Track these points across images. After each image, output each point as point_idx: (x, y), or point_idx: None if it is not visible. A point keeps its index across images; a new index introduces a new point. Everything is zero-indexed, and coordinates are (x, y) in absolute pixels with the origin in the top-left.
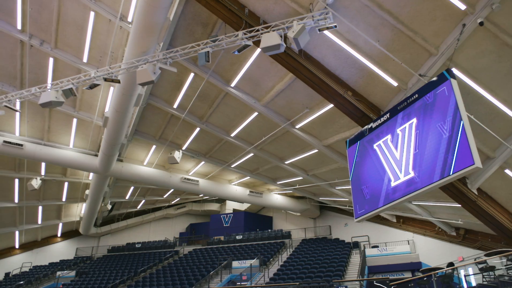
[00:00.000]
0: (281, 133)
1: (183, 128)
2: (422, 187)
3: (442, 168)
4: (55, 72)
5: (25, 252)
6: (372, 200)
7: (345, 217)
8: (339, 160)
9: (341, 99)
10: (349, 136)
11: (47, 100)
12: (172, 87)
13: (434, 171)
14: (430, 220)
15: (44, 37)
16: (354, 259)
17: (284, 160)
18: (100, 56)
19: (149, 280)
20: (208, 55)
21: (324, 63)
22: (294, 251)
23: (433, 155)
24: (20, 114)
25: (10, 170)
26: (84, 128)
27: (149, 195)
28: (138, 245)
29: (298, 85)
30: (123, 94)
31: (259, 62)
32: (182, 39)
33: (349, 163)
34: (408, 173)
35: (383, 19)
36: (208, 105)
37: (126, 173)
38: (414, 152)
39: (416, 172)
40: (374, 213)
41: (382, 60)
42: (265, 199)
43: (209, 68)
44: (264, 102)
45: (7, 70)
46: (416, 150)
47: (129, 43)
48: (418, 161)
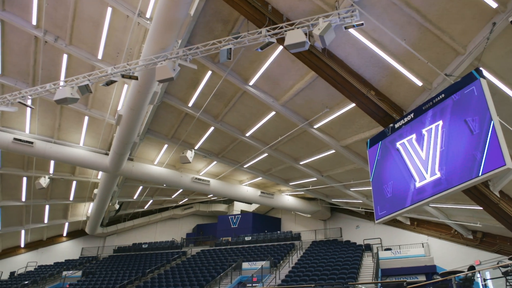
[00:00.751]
0: (298, 133)
1: (197, 127)
2: (449, 188)
3: (470, 169)
4: (68, 69)
5: (30, 252)
6: (394, 201)
7: (356, 219)
8: (356, 161)
9: (364, 99)
10: (368, 137)
11: (62, 96)
12: (187, 85)
13: (463, 172)
14: (447, 223)
15: (59, 33)
16: (367, 261)
17: (299, 160)
18: (117, 53)
19: (158, 281)
20: (230, 52)
21: (347, 61)
22: (304, 253)
23: (461, 156)
24: (31, 112)
25: (18, 168)
26: (95, 126)
27: (157, 195)
28: (144, 246)
29: (319, 84)
30: (139, 91)
31: (280, 61)
32: (200, 36)
33: (369, 163)
34: (434, 174)
35: (410, 17)
36: (224, 104)
37: (137, 172)
38: (441, 153)
39: (443, 172)
40: (396, 215)
41: (407, 59)
42: (276, 200)
43: (227, 66)
44: (282, 101)
45: (20, 67)
46: (443, 150)
47: (148, 40)
48: (445, 162)
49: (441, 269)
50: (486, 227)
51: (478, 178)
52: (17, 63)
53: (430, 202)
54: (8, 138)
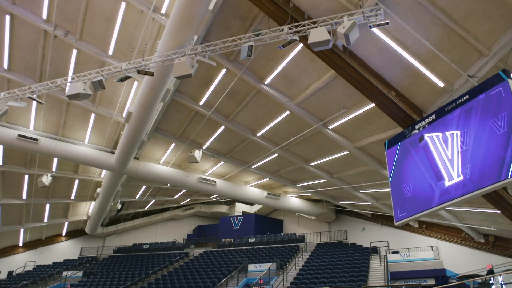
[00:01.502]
0: (311, 133)
1: (206, 127)
2: (475, 190)
3: (498, 172)
4: (77, 64)
5: (28, 251)
6: (415, 203)
7: (362, 222)
8: (370, 162)
9: (385, 99)
10: (385, 138)
11: (74, 92)
12: (200, 83)
13: (489, 175)
14: (458, 226)
15: (70, 28)
16: (374, 264)
17: (310, 161)
18: (131, 49)
19: (162, 283)
20: (251, 49)
21: (368, 61)
22: (311, 256)
23: (488, 157)
24: (36, 108)
25: (21, 166)
26: (101, 124)
27: (159, 195)
28: (145, 246)
29: (337, 84)
30: (152, 88)
31: (298, 60)
32: (216, 33)
33: (388, 165)
34: (458, 176)
35: (435, 17)
36: (237, 103)
37: (143, 171)
38: (466, 155)
39: (468, 174)
40: (417, 217)
41: (429, 60)
42: (282, 202)
43: (242, 65)
44: (297, 101)
45: (27, 62)
46: (468, 152)
47: (164, 35)
48: (471, 163)
49: (451, 272)
50: (499, 230)
51: (507, 181)
52: (24, 58)
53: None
54: (13, 134)
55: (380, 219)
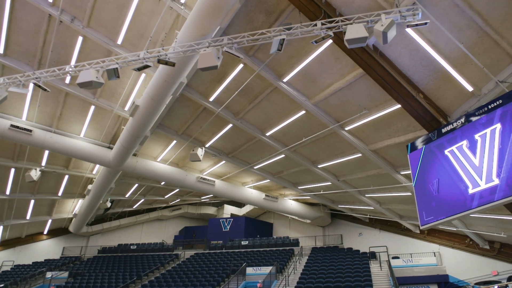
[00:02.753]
0: (324, 135)
1: (212, 124)
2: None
3: None
4: (81, 53)
5: (6, 250)
6: (443, 207)
7: (359, 226)
8: (383, 166)
9: (413, 101)
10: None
11: (87, 79)
12: (212, 78)
13: None
14: (464, 232)
15: (77, 14)
16: (374, 269)
17: (317, 163)
18: (143, 38)
19: (158, 286)
20: (282, 43)
21: (397, 62)
22: (309, 260)
23: None
24: (31, 97)
25: (7, 158)
26: (100, 117)
27: (150, 194)
28: (133, 247)
29: (360, 85)
30: (166, 80)
31: (323, 58)
32: (238, 27)
33: (411, 168)
34: (491, 181)
35: (470, 21)
36: (249, 101)
37: (141, 169)
38: (500, 159)
39: (503, 179)
40: (445, 221)
41: (460, 63)
42: (280, 204)
43: (261, 61)
44: (315, 100)
45: (26, 47)
46: (503, 156)
47: (187, 24)
48: (505, 168)
49: (454, 278)
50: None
51: None
52: (23, 43)
53: (485, 210)
54: (5, 124)
55: (379, 224)
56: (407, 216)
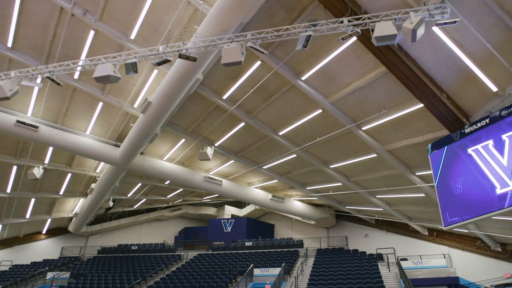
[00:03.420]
0: (338, 135)
1: (223, 122)
2: None
3: None
4: (91, 47)
5: (4, 249)
6: (468, 207)
7: (364, 228)
8: (399, 166)
9: (436, 101)
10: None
11: (104, 73)
12: (227, 75)
13: None
14: (475, 234)
15: (89, 7)
16: (382, 271)
17: (329, 164)
18: (157, 33)
19: (164, 287)
20: (309, 40)
21: (421, 61)
22: (316, 261)
23: None
24: (37, 93)
25: (10, 155)
26: (107, 114)
27: (152, 194)
28: (134, 247)
29: (381, 84)
30: (182, 76)
31: (343, 56)
32: (257, 23)
33: (433, 168)
34: None
35: (498, 20)
36: (263, 99)
37: (148, 167)
38: None
39: None
40: (472, 221)
41: (485, 63)
42: (286, 205)
43: (279, 58)
44: (333, 99)
45: (35, 41)
46: None
47: (209, 19)
48: None
49: (464, 281)
50: None
51: None
52: (32, 37)
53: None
54: (10, 120)
55: (385, 225)
56: (416, 217)
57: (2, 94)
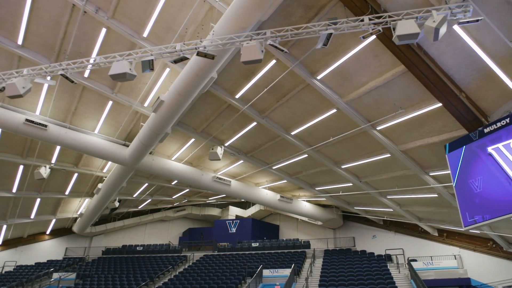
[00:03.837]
0: (352, 134)
1: (234, 122)
2: None
3: None
4: (103, 46)
5: (8, 250)
6: (489, 208)
7: (372, 229)
8: (412, 166)
9: (455, 101)
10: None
11: (120, 71)
12: (240, 74)
13: None
14: (488, 235)
15: (102, 4)
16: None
17: (341, 164)
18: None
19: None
20: (329, 38)
21: (440, 61)
22: (324, 262)
23: None
24: (46, 91)
25: (16, 155)
26: (116, 113)
27: (158, 195)
28: (139, 248)
29: (398, 83)
30: (197, 75)
31: (360, 55)
32: (273, 21)
33: (451, 168)
34: None
35: None
36: (276, 99)
37: (156, 167)
38: None
39: None
40: (495, 221)
41: (506, 63)
42: (294, 206)
43: (295, 57)
44: (348, 99)
45: (45, 38)
46: None
47: (227, 17)
48: None
49: (476, 282)
50: None
51: None
52: (42, 34)
53: None
54: (19, 119)
55: (394, 226)
56: (426, 218)
57: (15, 92)
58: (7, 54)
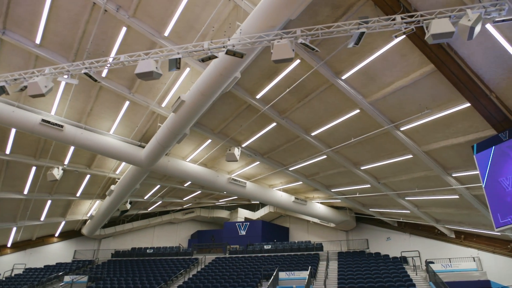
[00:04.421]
0: (374, 135)
1: (253, 123)
2: None
3: None
4: (122, 45)
5: (17, 252)
6: None
7: (386, 231)
8: (434, 167)
9: (485, 100)
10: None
11: (146, 70)
12: (262, 74)
13: None
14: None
15: (123, 3)
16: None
17: (360, 165)
18: (192, 30)
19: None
20: (361, 37)
21: (469, 60)
22: (340, 264)
23: None
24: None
25: (29, 156)
26: (132, 114)
27: (168, 197)
28: (149, 251)
29: (426, 83)
30: (221, 74)
31: (388, 55)
32: (299, 20)
33: (480, 169)
34: None
35: None
36: (298, 99)
37: (172, 168)
38: None
39: None
40: None
41: None
42: (308, 207)
43: (320, 57)
44: (372, 99)
45: (63, 37)
46: None
47: (255, 15)
48: None
49: (497, 284)
50: None
51: None
52: (61, 33)
53: None
54: (35, 119)
55: (409, 228)
56: (444, 220)
57: (37, 91)
58: (24, 53)
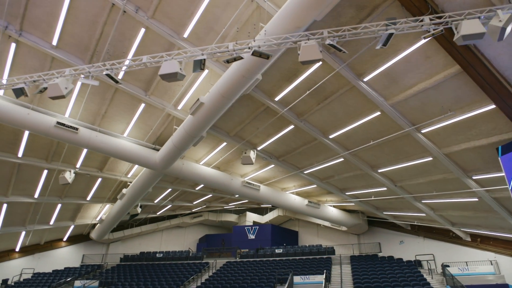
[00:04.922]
0: (393, 138)
1: (270, 125)
2: None
3: None
4: (140, 46)
5: (25, 257)
6: None
7: (399, 234)
8: (454, 170)
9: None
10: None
11: (171, 71)
12: (281, 76)
13: None
14: None
15: (142, 4)
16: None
17: (377, 168)
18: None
19: None
20: (389, 39)
21: (495, 62)
22: (354, 268)
23: None
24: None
25: (41, 159)
26: (147, 116)
27: (178, 200)
28: (159, 255)
29: (449, 85)
30: (243, 76)
31: (411, 56)
32: (322, 22)
33: (505, 171)
34: None
35: None
36: (317, 101)
37: (186, 172)
38: None
39: None
40: None
41: None
42: (321, 211)
43: (341, 59)
44: (393, 101)
45: (80, 39)
46: None
47: (281, 16)
48: None
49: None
50: None
51: None
52: (77, 35)
53: None
54: (50, 122)
55: (423, 231)
56: (460, 223)
57: (58, 93)
58: (39, 55)
